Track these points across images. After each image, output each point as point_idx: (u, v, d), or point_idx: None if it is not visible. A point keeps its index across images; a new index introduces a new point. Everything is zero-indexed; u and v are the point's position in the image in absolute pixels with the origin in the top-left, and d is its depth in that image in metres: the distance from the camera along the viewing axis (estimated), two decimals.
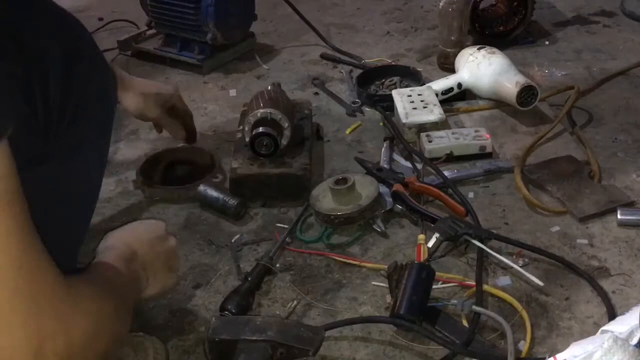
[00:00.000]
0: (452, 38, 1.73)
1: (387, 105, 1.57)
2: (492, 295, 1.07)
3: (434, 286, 1.04)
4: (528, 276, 1.08)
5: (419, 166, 1.37)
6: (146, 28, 1.92)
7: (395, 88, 1.63)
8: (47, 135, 0.69)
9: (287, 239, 1.20)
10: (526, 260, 1.13)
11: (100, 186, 0.86)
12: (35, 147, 0.68)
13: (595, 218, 1.21)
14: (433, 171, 1.34)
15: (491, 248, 1.12)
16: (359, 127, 1.55)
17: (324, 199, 1.24)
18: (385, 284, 1.08)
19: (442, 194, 1.25)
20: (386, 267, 1.09)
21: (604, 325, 0.90)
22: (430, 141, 1.40)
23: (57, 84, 0.67)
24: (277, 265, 1.15)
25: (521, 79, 1.49)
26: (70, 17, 0.75)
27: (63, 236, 0.80)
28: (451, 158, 1.38)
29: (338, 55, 1.89)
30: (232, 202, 1.27)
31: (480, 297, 1.04)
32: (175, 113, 1.40)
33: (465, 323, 1.01)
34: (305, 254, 1.18)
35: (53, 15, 0.72)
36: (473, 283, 1.07)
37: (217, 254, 1.20)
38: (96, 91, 0.74)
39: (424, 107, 1.49)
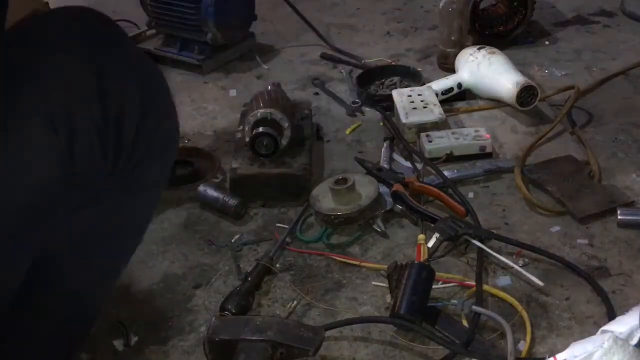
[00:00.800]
0: (452, 38, 1.73)
1: (387, 105, 1.57)
2: (492, 295, 1.07)
3: (434, 286, 1.04)
4: (528, 276, 1.08)
5: (419, 166, 1.37)
6: (146, 28, 1.92)
7: (395, 88, 1.63)
8: (111, 177, 0.67)
9: (287, 239, 1.20)
10: (526, 260, 1.13)
11: (144, 233, 0.84)
12: (97, 188, 0.67)
13: (595, 218, 1.21)
14: (433, 171, 1.34)
15: (491, 248, 1.12)
16: (359, 127, 1.55)
17: (324, 199, 1.24)
18: (385, 284, 1.08)
19: (442, 194, 1.25)
20: (386, 267, 1.09)
21: (604, 325, 0.89)
22: (430, 141, 1.40)
23: (132, 129, 0.66)
24: (277, 265, 1.15)
25: (521, 79, 1.49)
26: (146, 59, 0.73)
27: (107, 273, 0.81)
28: (451, 158, 1.38)
29: (338, 55, 1.88)
30: (232, 202, 1.27)
31: (480, 297, 1.04)
32: None
33: (465, 323, 1.01)
34: (305, 254, 1.18)
35: (132, 54, 0.70)
36: (473, 283, 1.07)
37: (217, 254, 1.20)
38: (164, 139, 0.72)
39: (424, 107, 1.49)
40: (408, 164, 1.38)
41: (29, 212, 0.63)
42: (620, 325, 0.85)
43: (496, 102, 1.57)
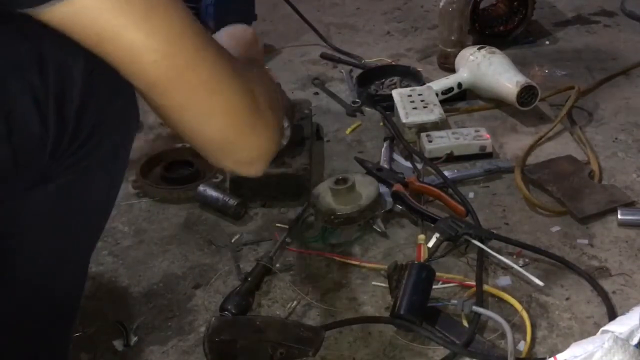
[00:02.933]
0: (452, 38, 1.73)
1: (387, 105, 1.57)
2: (492, 295, 1.07)
3: (434, 286, 1.04)
4: (528, 276, 1.08)
5: (419, 166, 1.37)
6: None
7: (395, 88, 1.63)
8: (56, 154, 0.65)
9: (287, 239, 1.20)
10: (526, 260, 1.13)
11: (109, 213, 0.82)
12: (42, 164, 0.65)
13: (595, 218, 1.21)
14: (433, 171, 1.34)
15: (491, 248, 1.12)
16: (359, 127, 1.55)
17: (324, 199, 1.24)
18: (385, 284, 1.08)
19: (442, 194, 1.25)
20: (386, 267, 1.09)
21: (604, 325, 0.89)
22: (430, 141, 1.40)
23: (77, 97, 0.64)
24: (277, 265, 1.15)
25: (521, 79, 1.49)
26: None
27: (67, 256, 0.78)
28: (451, 158, 1.38)
29: (338, 55, 1.88)
30: (232, 202, 1.27)
31: (481, 297, 1.04)
32: None
33: (465, 323, 1.01)
34: (305, 254, 1.18)
35: None
36: (473, 283, 1.07)
37: (217, 254, 1.20)
38: (117, 113, 0.70)
39: (424, 107, 1.49)
40: (408, 164, 1.38)
41: None
42: (621, 326, 0.85)
43: (496, 102, 1.57)
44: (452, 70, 1.67)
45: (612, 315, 1.01)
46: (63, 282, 0.79)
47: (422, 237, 1.16)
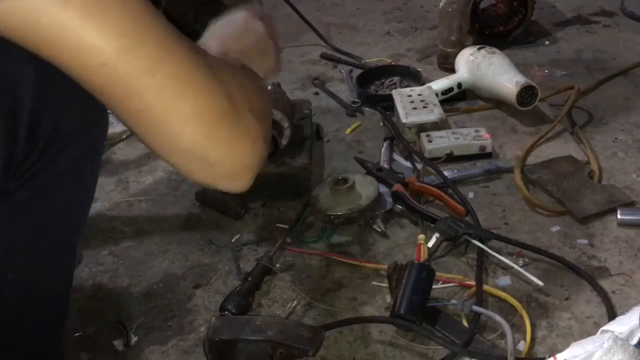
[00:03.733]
0: (452, 38, 1.73)
1: (387, 105, 1.57)
2: (492, 295, 1.07)
3: (434, 286, 1.04)
4: (528, 276, 1.08)
5: (419, 166, 1.37)
6: None
7: (395, 88, 1.63)
8: (9, 170, 0.61)
9: (287, 239, 1.20)
10: (526, 260, 1.13)
11: (83, 219, 0.78)
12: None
13: (595, 218, 1.21)
14: (433, 171, 1.34)
15: (491, 248, 1.12)
16: (359, 127, 1.55)
17: (324, 199, 1.24)
18: (385, 284, 1.08)
19: (442, 194, 1.25)
20: (386, 267, 1.09)
21: (604, 325, 0.89)
22: (430, 141, 1.40)
23: (28, 111, 0.59)
24: (277, 265, 1.15)
25: (521, 79, 1.49)
26: None
27: (41, 262, 0.74)
28: (451, 158, 1.38)
29: (338, 55, 1.89)
30: (232, 202, 1.27)
31: (481, 297, 1.04)
32: None
33: (465, 323, 1.01)
34: (305, 254, 1.18)
35: None
36: (473, 283, 1.07)
37: (217, 254, 1.20)
38: (77, 122, 0.65)
39: (424, 107, 1.49)
40: (408, 164, 1.38)
41: None
42: (621, 325, 0.85)
43: (496, 102, 1.57)
44: (452, 70, 1.67)
45: (611, 315, 1.01)
46: (42, 286, 0.76)
47: (422, 237, 1.16)
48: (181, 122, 0.60)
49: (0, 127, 0.58)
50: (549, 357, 0.88)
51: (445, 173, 1.33)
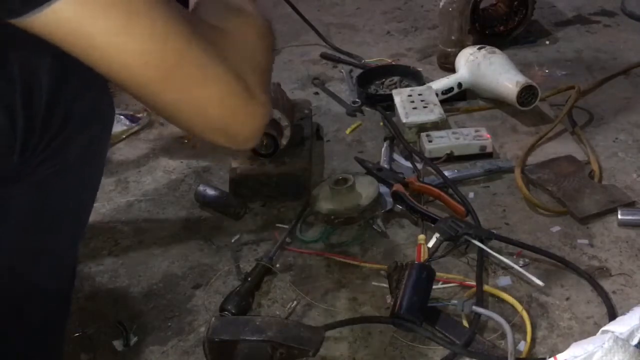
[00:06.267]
0: (453, 38, 1.73)
1: (387, 105, 1.57)
2: (493, 295, 1.06)
3: (434, 286, 1.04)
4: (528, 276, 1.07)
5: (419, 166, 1.36)
6: None
7: (396, 88, 1.63)
8: (25, 152, 0.65)
9: (287, 239, 1.20)
10: (526, 260, 1.13)
11: (90, 207, 0.81)
12: (11, 164, 0.65)
13: (595, 218, 1.21)
14: (433, 171, 1.34)
15: (491, 248, 1.12)
16: (359, 127, 1.55)
17: (324, 199, 1.24)
18: (385, 284, 1.08)
19: (442, 194, 1.25)
20: (386, 267, 1.09)
21: (604, 325, 0.89)
22: (430, 141, 1.40)
23: (45, 96, 0.64)
24: (277, 265, 1.15)
25: (521, 79, 1.49)
26: None
27: (46, 252, 0.76)
28: (451, 158, 1.38)
29: (338, 54, 1.88)
30: (232, 202, 1.27)
31: (481, 297, 1.04)
32: None
33: (465, 323, 1.01)
34: (305, 254, 1.18)
35: None
36: (473, 283, 1.07)
37: (217, 254, 1.20)
38: (87, 110, 0.70)
39: (424, 107, 1.49)
40: (408, 164, 1.38)
41: None
42: (621, 326, 0.85)
43: (496, 102, 1.57)
44: (452, 70, 1.67)
45: (612, 315, 1.01)
46: (44, 277, 0.78)
47: (422, 237, 1.16)
48: (209, 106, 0.70)
49: (19, 109, 0.61)
50: (549, 357, 0.88)
51: (446, 173, 1.33)
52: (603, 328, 0.88)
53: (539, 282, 1.06)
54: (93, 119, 0.71)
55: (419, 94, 1.53)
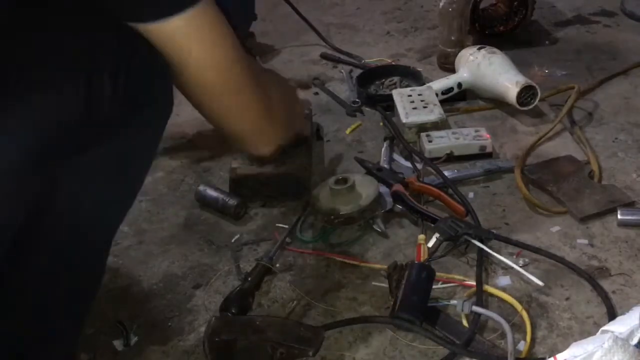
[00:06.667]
0: (452, 38, 1.73)
1: (387, 105, 1.57)
2: (492, 295, 1.07)
3: (434, 286, 1.04)
4: (528, 276, 1.08)
5: (419, 166, 1.37)
6: None
7: (396, 88, 1.63)
8: (116, 115, 0.74)
9: (287, 239, 1.20)
10: (526, 260, 1.13)
11: (142, 181, 0.90)
12: (109, 123, 0.74)
13: (595, 218, 1.21)
14: (433, 171, 1.34)
15: (491, 248, 1.12)
16: (359, 127, 1.55)
17: (324, 199, 1.24)
18: (385, 284, 1.08)
19: (442, 194, 1.25)
20: (386, 267, 1.09)
21: (604, 325, 0.89)
22: (430, 141, 1.40)
23: (137, 77, 0.74)
24: (277, 265, 1.15)
25: (521, 79, 1.49)
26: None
27: (106, 217, 0.84)
28: (451, 158, 1.38)
29: (338, 55, 1.89)
30: (232, 202, 1.27)
31: (481, 297, 1.04)
32: None
33: (465, 323, 1.01)
34: (305, 254, 1.18)
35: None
36: (473, 283, 1.07)
37: (217, 254, 1.20)
38: (159, 94, 0.80)
39: (424, 107, 1.49)
40: (408, 164, 1.38)
41: (39, 149, 0.68)
42: (621, 326, 0.85)
43: (496, 102, 1.57)
44: (452, 70, 1.67)
45: (612, 315, 1.01)
46: (91, 252, 0.84)
47: (422, 237, 1.16)
48: (248, 112, 0.91)
49: (121, 81, 0.72)
50: (549, 357, 0.88)
51: (446, 173, 1.33)
52: (603, 328, 0.88)
53: (539, 282, 1.06)
54: (161, 103, 0.82)
55: (419, 94, 1.54)
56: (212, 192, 1.29)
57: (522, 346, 0.98)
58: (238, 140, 0.96)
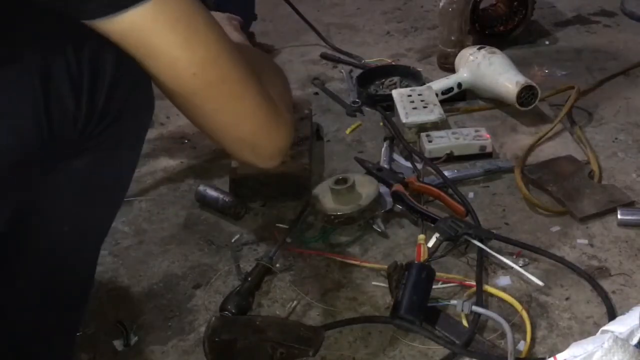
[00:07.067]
0: (452, 38, 1.73)
1: (387, 105, 1.57)
2: (492, 295, 1.07)
3: (434, 286, 1.04)
4: (528, 276, 1.08)
5: (419, 166, 1.37)
6: None
7: (395, 88, 1.63)
8: (85, 132, 0.70)
9: (287, 239, 1.20)
10: (526, 260, 1.13)
11: (125, 193, 0.87)
12: (72, 139, 0.70)
13: (595, 218, 1.21)
14: (433, 171, 1.34)
15: (491, 248, 1.12)
16: (359, 127, 1.55)
17: (324, 199, 1.24)
18: (385, 284, 1.08)
19: (442, 194, 1.25)
20: (386, 267, 1.09)
21: (604, 325, 0.89)
22: (430, 141, 1.40)
23: (105, 85, 0.69)
24: (277, 265, 1.15)
25: (521, 79, 1.49)
26: None
27: (88, 232, 0.82)
28: (451, 158, 1.38)
29: (338, 55, 1.89)
30: (232, 202, 1.27)
31: (481, 297, 1.04)
32: None
33: (465, 323, 1.01)
34: (305, 254, 1.18)
35: None
36: (473, 283, 1.07)
37: (217, 254, 1.20)
38: (136, 103, 0.75)
39: (424, 107, 1.49)
40: (408, 164, 1.38)
41: (4, 172, 0.65)
42: (621, 325, 0.85)
43: (496, 102, 1.57)
44: (452, 70, 1.67)
45: (611, 315, 1.01)
46: (78, 262, 0.82)
47: (422, 237, 1.16)
48: (244, 119, 0.79)
49: (85, 90, 0.67)
50: (549, 357, 0.88)
51: (446, 173, 1.33)
52: (603, 328, 0.88)
53: (539, 282, 1.06)
54: (139, 113, 0.77)
55: (419, 94, 1.54)
56: (212, 192, 1.29)
57: (522, 346, 0.98)
58: (236, 152, 0.84)
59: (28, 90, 0.64)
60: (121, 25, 0.67)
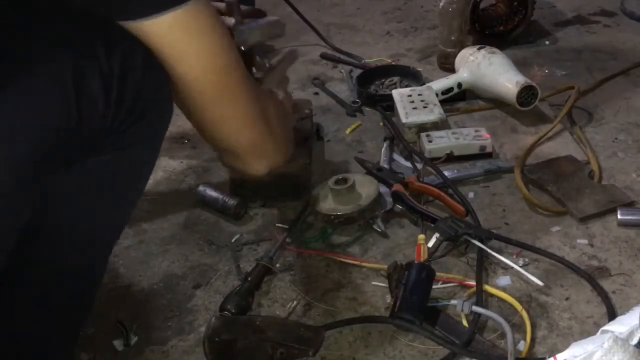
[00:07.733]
0: (452, 38, 1.73)
1: (387, 105, 1.57)
2: (492, 295, 1.07)
3: (434, 286, 1.04)
4: (528, 276, 1.08)
5: (419, 166, 1.37)
6: None
7: (395, 88, 1.63)
8: (112, 129, 0.73)
9: (287, 239, 1.20)
10: (526, 260, 1.13)
11: (142, 192, 0.90)
12: (101, 136, 0.72)
13: (595, 218, 1.21)
14: (433, 171, 1.34)
15: (491, 248, 1.12)
16: (359, 127, 1.55)
17: (324, 199, 1.24)
18: (385, 284, 1.08)
19: (442, 194, 1.25)
20: (386, 267, 1.09)
21: (604, 325, 0.89)
22: (430, 141, 1.40)
23: (134, 85, 0.72)
24: (277, 265, 1.15)
25: (521, 79, 1.49)
26: None
27: (102, 231, 0.84)
28: (451, 158, 1.38)
29: (338, 55, 1.89)
30: (232, 202, 1.27)
31: (481, 297, 1.04)
32: None
33: (465, 323, 1.01)
34: (305, 254, 1.18)
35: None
36: (473, 283, 1.07)
37: (217, 254, 1.20)
38: (158, 104, 0.79)
39: (424, 107, 1.49)
40: (408, 164, 1.38)
41: (29, 165, 0.67)
42: (621, 325, 0.85)
43: (496, 102, 1.57)
44: (452, 70, 1.67)
45: (611, 315, 1.01)
46: (90, 261, 0.84)
47: (422, 237, 1.16)
48: (245, 125, 0.87)
49: (115, 89, 0.71)
50: (549, 357, 0.88)
51: (446, 173, 1.33)
52: (603, 328, 0.88)
53: (539, 282, 1.06)
54: (160, 114, 0.80)
55: (419, 94, 1.54)
56: (212, 192, 1.29)
57: (522, 346, 0.98)
58: (231, 156, 0.91)
59: (62, 86, 0.67)
60: (157, 27, 0.73)
